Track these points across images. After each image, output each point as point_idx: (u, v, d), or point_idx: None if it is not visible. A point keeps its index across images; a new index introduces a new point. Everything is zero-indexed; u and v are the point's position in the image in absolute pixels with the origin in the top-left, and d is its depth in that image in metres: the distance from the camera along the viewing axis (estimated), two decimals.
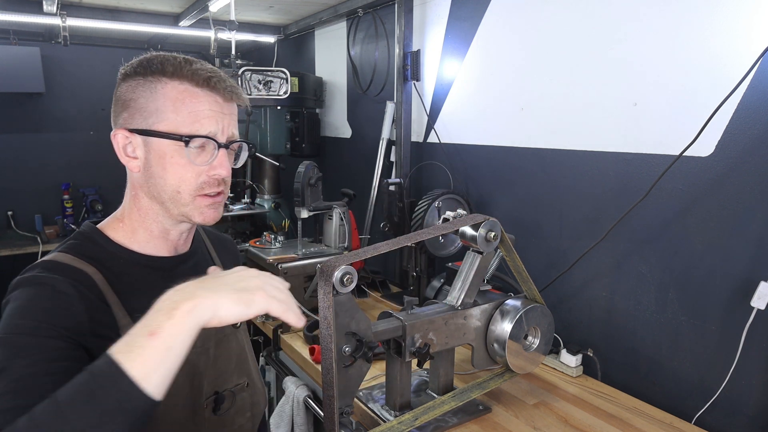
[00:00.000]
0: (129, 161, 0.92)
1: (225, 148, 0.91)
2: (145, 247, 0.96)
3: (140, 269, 0.94)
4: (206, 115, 0.89)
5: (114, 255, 0.93)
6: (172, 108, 0.88)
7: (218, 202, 0.95)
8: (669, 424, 1.44)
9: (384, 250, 1.22)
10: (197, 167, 0.90)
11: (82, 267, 0.87)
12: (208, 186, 0.91)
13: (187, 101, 0.88)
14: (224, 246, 1.20)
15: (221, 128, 0.90)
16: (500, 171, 2.12)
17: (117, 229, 0.96)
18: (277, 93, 2.92)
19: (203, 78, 0.88)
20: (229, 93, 0.92)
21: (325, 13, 3.06)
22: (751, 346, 1.38)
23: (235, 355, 1.06)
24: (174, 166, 0.89)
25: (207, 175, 0.91)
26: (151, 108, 0.88)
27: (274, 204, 3.22)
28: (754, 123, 1.34)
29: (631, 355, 1.68)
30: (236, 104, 0.96)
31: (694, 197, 1.49)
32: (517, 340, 1.45)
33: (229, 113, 0.93)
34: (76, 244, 0.92)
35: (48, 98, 3.95)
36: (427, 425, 1.38)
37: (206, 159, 0.90)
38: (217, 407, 1.00)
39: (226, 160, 0.92)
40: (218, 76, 0.91)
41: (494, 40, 2.09)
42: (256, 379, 1.11)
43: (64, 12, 2.81)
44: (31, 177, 4.00)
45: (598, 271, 1.76)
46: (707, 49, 1.42)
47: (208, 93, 0.89)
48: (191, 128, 0.88)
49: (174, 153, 0.88)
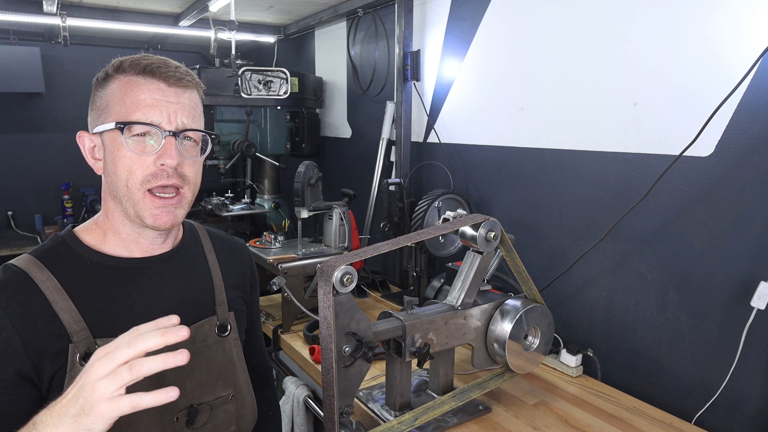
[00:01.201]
0: (95, 164, 0.93)
1: (174, 137, 0.88)
2: (114, 249, 0.95)
3: (106, 272, 0.92)
4: (148, 103, 0.87)
5: (81, 258, 0.92)
6: (118, 101, 0.88)
7: (172, 204, 0.90)
8: (669, 424, 1.44)
9: (384, 250, 1.22)
10: (142, 158, 0.87)
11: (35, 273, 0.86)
12: (155, 178, 0.88)
13: (128, 91, 0.88)
14: (230, 249, 1.15)
15: (166, 116, 0.88)
16: (500, 171, 2.12)
17: (91, 231, 0.96)
18: (277, 93, 2.92)
19: (142, 66, 0.88)
20: (173, 78, 0.89)
21: (325, 13, 3.06)
22: (751, 346, 1.38)
23: (217, 366, 1.02)
24: (122, 159, 0.87)
25: (155, 166, 0.88)
26: (103, 105, 0.90)
27: (274, 204, 3.22)
28: (754, 123, 1.34)
29: (631, 355, 1.68)
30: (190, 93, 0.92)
31: (694, 197, 1.49)
32: (517, 340, 1.45)
33: (177, 101, 0.89)
34: (47, 246, 0.93)
35: (48, 98, 3.95)
36: (427, 425, 1.38)
37: (155, 148, 0.87)
38: (190, 421, 0.96)
39: (173, 148, 0.87)
40: (160, 63, 0.89)
41: (494, 40, 2.09)
42: (245, 391, 1.07)
43: (64, 12, 2.81)
44: (31, 177, 4.00)
45: (598, 271, 1.76)
46: (707, 48, 1.42)
47: (150, 80, 0.88)
48: (131, 117, 0.86)
49: (120, 146, 0.87)
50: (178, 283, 1.00)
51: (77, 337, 0.85)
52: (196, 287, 1.03)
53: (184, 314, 0.96)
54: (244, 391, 1.07)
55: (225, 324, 1.04)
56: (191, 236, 1.08)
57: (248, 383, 1.09)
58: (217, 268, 1.08)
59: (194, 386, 0.98)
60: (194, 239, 1.08)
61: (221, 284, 1.07)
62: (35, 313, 0.84)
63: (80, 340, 0.85)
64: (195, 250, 1.07)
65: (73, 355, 0.84)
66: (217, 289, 1.06)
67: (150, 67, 0.88)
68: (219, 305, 1.05)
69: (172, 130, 0.88)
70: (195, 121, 0.92)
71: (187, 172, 0.91)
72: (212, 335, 1.02)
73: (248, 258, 1.20)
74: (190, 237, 1.07)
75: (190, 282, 1.02)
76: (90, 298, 0.89)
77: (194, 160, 0.93)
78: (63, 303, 0.86)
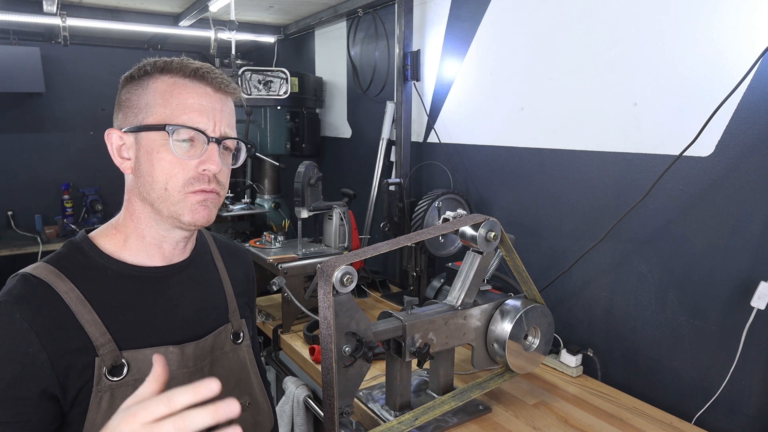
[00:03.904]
0: (122, 163, 0.90)
1: (217, 144, 0.88)
2: (136, 256, 0.92)
3: (128, 281, 0.90)
4: (195, 108, 0.86)
5: (101, 267, 0.89)
6: (161, 101, 0.86)
7: (210, 200, 0.89)
8: (669, 424, 1.44)
9: (384, 250, 1.22)
10: (185, 162, 0.85)
11: (57, 284, 0.83)
12: (197, 182, 0.87)
13: (175, 93, 0.86)
14: (234, 255, 1.14)
15: (212, 123, 0.87)
16: (500, 171, 2.12)
17: (110, 236, 0.93)
18: (277, 93, 2.92)
19: (191, 69, 0.87)
20: (219, 83, 0.88)
21: (325, 13, 3.06)
22: (751, 346, 1.38)
23: (234, 374, 1.01)
24: (161, 162, 0.85)
25: (195, 171, 0.86)
26: (142, 104, 0.87)
27: (274, 204, 3.22)
28: (754, 123, 1.34)
29: (631, 355, 1.68)
30: (230, 100, 0.92)
31: (694, 197, 1.49)
32: (517, 340, 1.45)
33: (221, 108, 0.89)
34: (64, 254, 0.89)
35: (48, 98, 3.95)
36: (427, 425, 1.38)
37: (196, 153, 0.86)
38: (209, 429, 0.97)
39: (216, 155, 0.87)
40: (208, 68, 0.88)
41: (494, 40, 2.09)
42: (260, 399, 1.06)
43: (64, 12, 2.81)
44: (31, 177, 4.00)
45: (598, 271, 1.76)
46: (707, 49, 1.42)
47: (197, 84, 0.87)
48: (178, 120, 0.85)
49: (161, 148, 0.85)
50: (196, 292, 0.99)
51: (103, 350, 0.83)
52: (211, 295, 1.02)
53: (203, 322, 0.97)
54: (260, 398, 1.06)
55: (239, 331, 1.04)
56: (202, 243, 1.06)
57: (262, 390, 1.08)
58: (226, 276, 1.07)
59: None
60: (204, 246, 1.07)
61: (231, 292, 1.06)
62: (61, 327, 0.82)
63: (106, 353, 0.83)
64: (206, 257, 1.06)
65: (100, 368, 0.82)
66: (228, 296, 1.05)
67: (200, 71, 0.87)
68: (232, 313, 1.04)
69: (216, 137, 0.87)
70: (233, 130, 0.92)
71: (222, 178, 0.91)
72: (228, 343, 1.01)
73: (251, 263, 1.20)
74: (202, 244, 1.06)
75: (205, 290, 1.01)
76: (113, 309, 0.87)
77: (229, 168, 0.93)
78: (88, 315, 0.83)
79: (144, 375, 0.86)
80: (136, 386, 0.85)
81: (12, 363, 0.78)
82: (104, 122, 4.21)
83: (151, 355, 0.86)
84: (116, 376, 0.84)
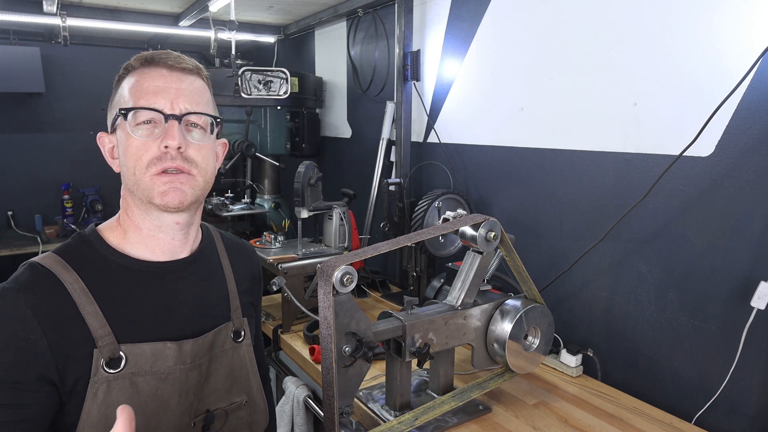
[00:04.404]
0: (113, 162, 0.94)
1: (177, 121, 0.88)
2: (138, 249, 0.93)
3: (131, 275, 0.92)
4: (150, 90, 0.88)
5: (106, 259, 0.91)
6: (127, 94, 0.90)
7: (180, 180, 0.89)
8: (669, 424, 1.44)
9: (384, 250, 1.22)
10: (148, 143, 0.87)
11: (62, 273, 0.85)
12: (160, 161, 0.87)
13: (135, 83, 0.90)
14: (241, 253, 1.15)
15: (169, 102, 0.88)
16: (500, 171, 2.12)
17: (113, 230, 0.95)
18: (277, 93, 2.92)
19: (145, 57, 0.91)
20: (173, 62, 0.91)
21: (325, 13, 3.06)
22: (751, 346, 1.38)
23: (232, 372, 1.02)
24: (129, 148, 0.88)
25: (158, 149, 0.87)
26: (114, 102, 0.92)
27: (274, 204, 3.22)
28: (754, 123, 1.34)
29: (631, 355, 1.68)
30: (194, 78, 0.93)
31: (694, 197, 1.49)
32: (517, 340, 1.45)
33: (178, 87, 0.90)
34: (71, 245, 0.92)
35: (48, 98, 3.95)
36: (427, 425, 1.38)
37: (157, 135, 0.87)
38: (206, 426, 0.97)
39: (175, 130, 0.87)
40: (162, 53, 0.91)
41: (494, 40, 2.09)
42: (257, 397, 1.07)
43: (64, 12, 2.81)
44: (31, 177, 4.00)
45: (598, 271, 1.76)
46: (707, 49, 1.42)
47: (152, 69, 0.90)
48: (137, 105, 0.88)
49: (128, 135, 0.88)
50: (199, 288, 1.00)
51: (102, 342, 0.84)
52: (214, 292, 1.03)
53: (204, 319, 0.98)
54: (257, 398, 1.07)
55: (240, 330, 1.05)
56: (208, 240, 1.07)
57: (260, 389, 1.09)
58: (230, 273, 1.08)
59: (210, 391, 0.98)
60: (210, 243, 1.08)
61: (235, 290, 1.07)
62: (63, 317, 0.83)
63: (105, 345, 0.84)
64: (212, 254, 1.07)
65: (98, 360, 0.84)
66: (231, 294, 1.06)
67: (152, 56, 0.91)
68: (234, 311, 1.05)
69: (175, 114, 0.88)
70: (199, 107, 0.92)
71: (194, 155, 0.90)
72: (228, 341, 1.02)
73: (257, 262, 1.21)
74: (208, 241, 1.06)
75: (209, 287, 1.02)
76: (114, 301, 0.88)
77: (199, 144, 0.92)
78: (89, 307, 0.85)
79: (141, 369, 0.87)
80: (133, 380, 0.86)
81: (13, 348, 0.80)
82: (104, 122, 4.19)
83: (149, 350, 0.88)
84: (113, 368, 0.85)
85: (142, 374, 0.87)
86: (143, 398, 0.88)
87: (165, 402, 0.90)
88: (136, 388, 0.87)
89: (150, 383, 0.88)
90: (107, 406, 0.84)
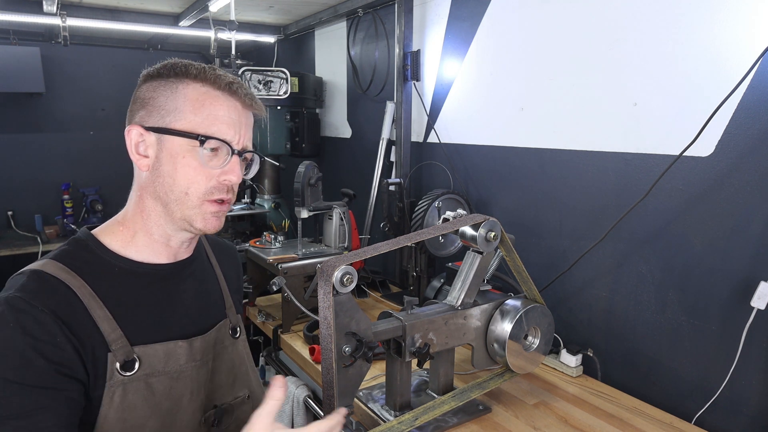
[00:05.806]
0: (139, 159, 0.90)
1: (239, 156, 0.91)
2: (142, 253, 0.93)
3: (136, 279, 0.91)
4: (225, 120, 0.88)
5: (108, 264, 0.90)
6: (192, 108, 0.87)
7: (223, 211, 0.93)
8: (669, 424, 1.44)
9: (384, 250, 1.22)
10: (209, 170, 0.88)
11: (69, 280, 0.84)
12: (217, 191, 0.90)
13: (207, 103, 0.88)
14: (225, 252, 1.17)
15: (238, 136, 0.90)
16: (500, 171, 2.12)
17: (115, 233, 0.93)
18: (277, 93, 2.92)
19: (225, 82, 0.89)
20: (249, 100, 0.92)
21: (325, 13, 3.06)
22: (751, 346, 1.38)
23: (234, 367, 1.04)
24: (185, 167, 0.87)
25: (217, 180, 0.89)
26: (170, 107, 0.88)
27: (274, 204, 3.22)
28: (754, 123, 1.34)
29: (631, 355, 1.68)
30: (253, 114, 0.95)
31: (694, 197, 1.49)
32: (517, 340, 1.45)
33: (246, 123, 0.92)
34: (69, 251, 0.89)
35: (48, 98, 3.95)
36: (427, 425, 1.38)
37: (219, 163, 0.89)
38: (217, 421, 0.98)
39: (238, 167, 0.91)
40: (239, 83, 0.91)
41: (494, 40, 2.09)
42: (258, 391, 1.09)
43: (64, 12, 2.81)
44: (31, 177, 4.00)
45: (598, 271, 1.76)
46: (707, 48, 1.42)
47: (229, 98, 0.90)
48: (208, 130, 0.87)
49: (187, 153, 0.87)
50: (198, 288, 1.01)
51: (115, 346, 0.85)
52: (210, 291, 1.05)
53: (205, 318, 1.00)
54: (257, 391, 1.09)
55: (236, 326, 1.08)
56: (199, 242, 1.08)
57: (259, 382, 1.11)
58: (220, 273, 1.10)
59: (216, 388, 1.00)
60: (200, 245, 1.09)
61: (226, 288, 1.10)
62: (78, 321, 0.83)
63: (118, 349, 0.85)
64: (204, 255, 1.09)
65: (112, 364, 0.84)
66: (224, 292, 1.08)
67: (233, 85, 0.90)
68: (228, 308, 1.08)
69: (239, 150, 0.91)
70: (251, 143, 0.96)
71: (236, 187, 0.94)
72: (227, 338, 1.04)
73: (239, 260, 1.24)
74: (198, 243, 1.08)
75: (205, 287, 1.04)
76: (121, 305, 0.88)
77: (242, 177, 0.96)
78: (99, 311, 0.85)
79: (154, 369, 0.88)
80: (147, 381, 0.87)
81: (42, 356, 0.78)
82: (104, 122, 4.22)
83: (161, 350, 0.90)
84: (128, 371, 0.85)
85: (156, 375, 0.88)
86: (158, 398, 0.88)
87: (178, 400, 0.91)
88: (151, 389, 0.88)
89: (164, 383, 0.89)
90: (123, 410, 0.85)
